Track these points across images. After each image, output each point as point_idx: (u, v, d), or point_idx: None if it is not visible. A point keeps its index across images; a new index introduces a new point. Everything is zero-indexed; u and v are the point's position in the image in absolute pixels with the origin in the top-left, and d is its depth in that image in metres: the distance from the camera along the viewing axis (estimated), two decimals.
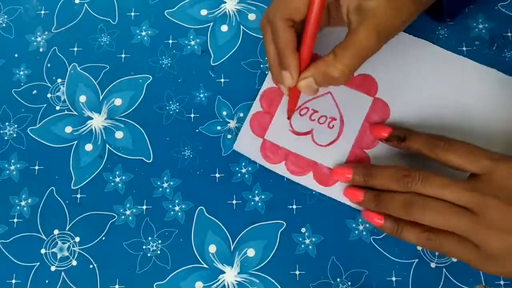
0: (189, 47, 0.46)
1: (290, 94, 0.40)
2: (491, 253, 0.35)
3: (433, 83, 0.43)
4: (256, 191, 0.42)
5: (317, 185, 0.41)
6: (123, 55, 0.46)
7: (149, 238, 0.41)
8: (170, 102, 0.44)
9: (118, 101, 0.45)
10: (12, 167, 0.43)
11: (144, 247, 0.41)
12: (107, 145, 0.43)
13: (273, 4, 0.38)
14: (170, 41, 0.46)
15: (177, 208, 0.42)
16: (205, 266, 0.40)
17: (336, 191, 0.41)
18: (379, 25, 0.35)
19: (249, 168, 0.42)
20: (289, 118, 0.42)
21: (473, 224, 0.35)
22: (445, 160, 0.37)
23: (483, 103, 0.42)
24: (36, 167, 0.43)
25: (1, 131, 0.44)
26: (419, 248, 0.40)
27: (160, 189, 0.42)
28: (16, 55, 0.46)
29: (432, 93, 0.43)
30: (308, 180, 0.41)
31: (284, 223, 0.41)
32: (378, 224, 0.38)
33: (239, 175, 0.42)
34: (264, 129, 0.43)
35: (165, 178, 0.42)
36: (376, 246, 0.40)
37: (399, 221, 0.37)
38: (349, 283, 0.39)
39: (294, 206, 0.41)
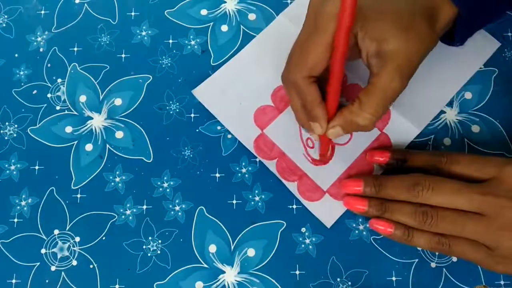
0: (189, 47, 0.46)
1: (321, 140, 0.40)
2: (505, 254, 0.35)
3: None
4: (256, 191, 0.42)
5: (299, 196, 0.41)
6: (123, 55, 0.46)
7: (149, 238, 0.41)
8: (170, 102, 0.44)
9: (118, 101, 0.45)
10: (12, 167, 0.43)
11: (144, 247, 0.41)
12: (107, 145, 0.43)
13: (290, 64, 0.37)
14: (170, 41, 0.46)
15: (177, 208, 0.42)
16: (205, 266, 0.40)
17: (316, 208, 0.41)
18: (400, 66, 0.34)
19: (249, 168, 0.42)
20: (322, 162, 0.42)
21: (485, 227, 0.35)
22: (450, 173, 0.38)
23: None
24: (36, 167, 0.43)
25: (1, 131, 0.44)
26: (419, 248, 0.40)
27: (160, 189, 0.42)
28: (16, 55, 0.46)
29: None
30: (292, 188, 0.41)
31: (284, 223, 0.41)
32: (388, 232, 0.38)
33: (239, 175, 0.42)
34: (266, 123, 0.43)
35: (165, 178, 0.42)
36: (376, 246, 0.40)
37: (408, 227, 0.37)
38: (349, 283, 0.39)
39: (294, 206, 0.41)
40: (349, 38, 0.32)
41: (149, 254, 0.40)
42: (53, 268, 0.41)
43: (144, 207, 0.42)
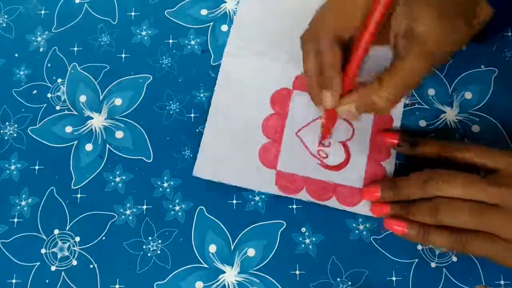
0: (189, 47, 0.46)
1: (327, 116, 0.39)
2: None
3: None
4: (256, 191, 0.42)
5: (344, 207, 0.41)
6: (123, 55, 0.46)
7: (149, 238, 0.41)
8: (170, 102, 0.44)
9: (118, 101, 0.45)
10: (12, 167, 0.43)
11: (144, 247, 0.41)
12: (107, 145, 0.43)
13: (319, 21, 0.35)
14: (170, 41, 0.46)
15: (177, 208, 0.42)
16: (205, 266, 0.40)
17: (363, 208, 0.40)
18: (429, 51, 0.33)
19: None
20: (324, 139, 0.41)
21: (502, 219, 0.34)
22: (463, 159, 0.37)
23: None
24: (36, 167, 0.43)
25: (1, 131, 0.44)
26: (419, 247, 0.40)
27: (160, 189, 0.42)
28: (16, 55, 0.46)
29: None
30: (333, 204, 0.41)
31: (284, 223, 0.41)
32: (402, 232, 0.38)
33: None
34: (275, 160, 0.42)
35: (165, 178, 0.42)
36: (376, 246, 0.40)
37: (424, 226, 0.37)
38: (349, 282, 0.39)
39: (294, 206, 0.41)
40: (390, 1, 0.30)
41: (149, 254, 0.40)
42: (53, 268, 0.41)
43: (144, 207, 0.42)
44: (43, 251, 0.41)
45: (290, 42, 0.40)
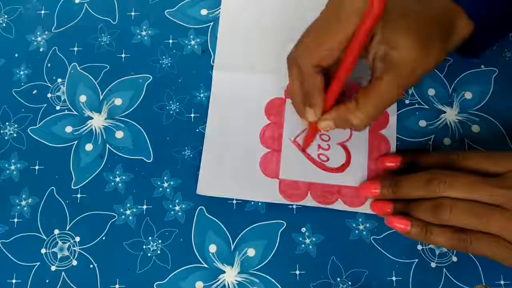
0: (189, 47, 0.46)
1: (310, 127, 0.40)
2: None
3: None
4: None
5: (350, 209, 0.41)
6: (123, 55, 0.46)
7: (149, 238, 0.41)
8: (170, 102, 0.44)
9: (118, 101, 0.45)
10: (13, 167, 0.43)
11: (144, 246, 0.41)
12: (107, 145, 0.43)
13: (300, 47, 0.36)
14: (170, 41, 0.46)
15: (177, 208, 0.42)
16: (205, 266, 0.40)
17: (368, 208, 0.40)
18: (402, 76, 0.34)
19: None
20: (305, 149, 0.42)
21: (506, 220, 0.34)
22: (465, 169, 0.37)
23: None
24: (36, 167, 0.43)
25: (1, 131, 0.44)
26: (419, 247, 0.40)
27: (160, 189, 0.42)
28: (16, 55, 0.46)
29: None
30: (339, 206, 0.41)
31: (284, 223, 0.41)
32: (404, 230, 0.38)
33: None
34: (276, 169, 0.42)
35: (165, 178, 0.42)
36: (376, 246, 0.40)
37: (427, 225, 0.37)
38: (349, 282, 0.39)
39: (294, 206, 0.41)
40: (368, 35, 0.32)
41: (149, 254, 0.40)
42: (53, 268, 0.41)
43: (144, 207, 0.42)
44: (43, 251, 0.41)
45: (277, 52, 0.41)
